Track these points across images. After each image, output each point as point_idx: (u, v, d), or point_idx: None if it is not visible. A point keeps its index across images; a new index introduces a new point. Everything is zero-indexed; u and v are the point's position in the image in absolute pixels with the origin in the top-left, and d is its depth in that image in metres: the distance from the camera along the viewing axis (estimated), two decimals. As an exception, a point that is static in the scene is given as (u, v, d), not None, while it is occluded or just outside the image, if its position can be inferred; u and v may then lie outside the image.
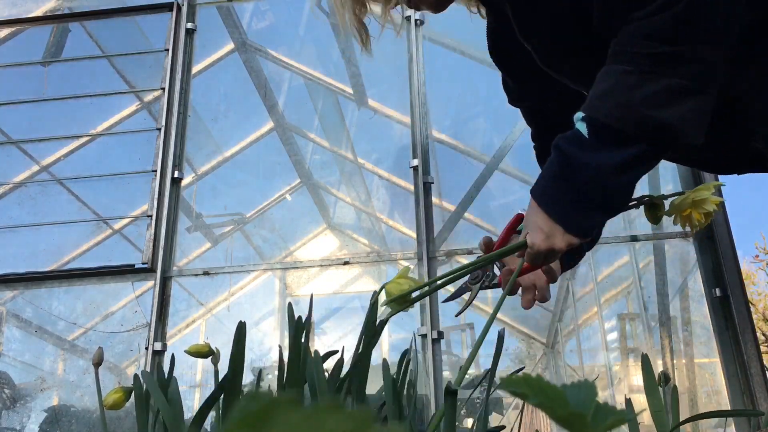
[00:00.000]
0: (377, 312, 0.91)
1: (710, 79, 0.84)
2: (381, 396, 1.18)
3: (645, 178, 2.61)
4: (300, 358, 0.98)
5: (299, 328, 0.99)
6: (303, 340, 1.01)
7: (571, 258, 1.16)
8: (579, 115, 0.88)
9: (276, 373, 1.04)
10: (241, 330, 0.98)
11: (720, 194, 2.02)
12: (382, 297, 0.93)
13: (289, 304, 1.06)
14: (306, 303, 1.40)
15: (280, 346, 1.14)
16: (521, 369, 1.19)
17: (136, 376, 1.06)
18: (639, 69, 0.84)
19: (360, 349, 0.97)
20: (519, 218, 1.08)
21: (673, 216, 0.99)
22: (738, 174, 1.14)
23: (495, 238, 1.07)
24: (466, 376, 1.24)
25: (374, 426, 0.14)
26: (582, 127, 0.87)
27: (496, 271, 1.09)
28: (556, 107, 1.18)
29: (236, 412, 0.14)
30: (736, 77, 0.92)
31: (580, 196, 0.88)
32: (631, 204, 0.99)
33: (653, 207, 1.01)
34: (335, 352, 1.12)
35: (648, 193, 1.02)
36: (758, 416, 1.15)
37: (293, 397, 0.14)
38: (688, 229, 0.98)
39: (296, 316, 1.01)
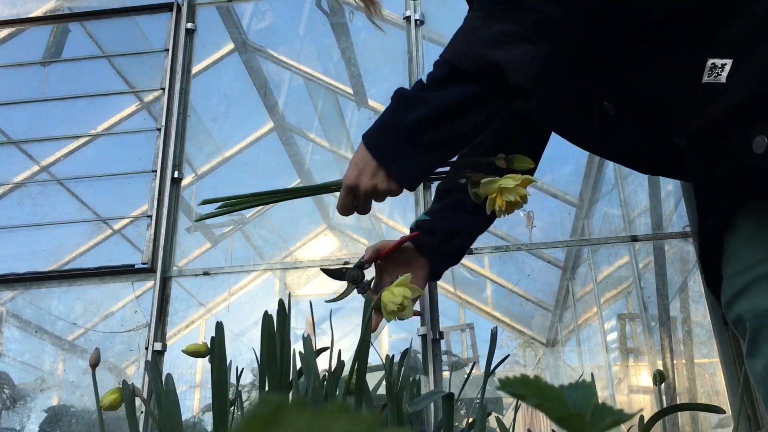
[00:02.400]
0: (371, 315, 0.92)
1: (543, 29, 0.89)
2: (377, 396, 1.18)
3: (645, 179, 2.60)
4: (277, 354, 0.97)
5: (271, 326, 0.98)
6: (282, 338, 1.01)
7: (437, 267, 1.25)
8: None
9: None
10: (219, 330, 0.98)
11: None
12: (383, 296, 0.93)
13: (280, 301, 1.06)
14: (306, 303, 1.40)
15: (254, 349, 1.14)
16: (507, 356, 1.20)
17: (124, 382, 1.05)
18: (485, 13, 0.92)
19: (358, 350, 0.97)
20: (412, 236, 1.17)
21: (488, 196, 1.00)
22: (652, 173, 1.18)
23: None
24: (465, 376, 1.24)
25: (382, 429, 0.15)
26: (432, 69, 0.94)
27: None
28: None
29: (245, 414, 0.15)
30: (653, 75, 0.94)
31: (405, 134, 0.91)
32: (453, 171, 1.03)
33: (472, 183, 1.01)
34: (326, 348, 1.12)
35: (502, 160, 1.02)
36: (720, 413, 1.17)
37: (302, 400, 0.14)
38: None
39: (285, 314, 1.01)
